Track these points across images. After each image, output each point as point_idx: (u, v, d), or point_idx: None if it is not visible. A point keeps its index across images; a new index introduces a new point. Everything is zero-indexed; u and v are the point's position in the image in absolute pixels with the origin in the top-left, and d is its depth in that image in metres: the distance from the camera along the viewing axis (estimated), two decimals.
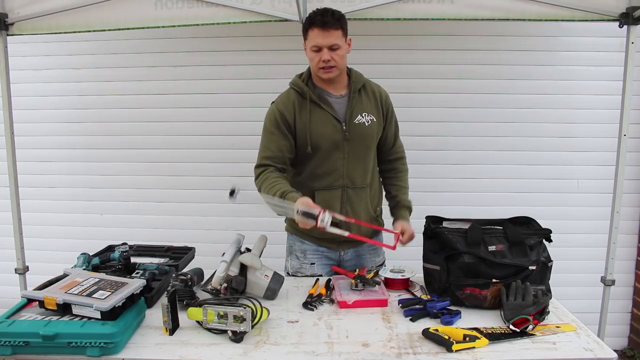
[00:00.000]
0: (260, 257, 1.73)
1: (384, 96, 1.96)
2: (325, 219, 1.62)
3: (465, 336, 1.38)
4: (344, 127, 1.87)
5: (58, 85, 3.18)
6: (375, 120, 1.91)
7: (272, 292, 1.70)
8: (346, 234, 1.71)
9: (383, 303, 1.66)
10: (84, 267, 1.77)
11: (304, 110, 1.87)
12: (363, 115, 1.89)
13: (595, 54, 2.99)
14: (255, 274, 1.69)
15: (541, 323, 1.48)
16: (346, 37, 1.82)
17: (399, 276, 1.82)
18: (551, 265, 1.68)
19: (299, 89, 1.89)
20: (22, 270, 2.59)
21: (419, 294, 1.77)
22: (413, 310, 1.58)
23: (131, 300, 1.45)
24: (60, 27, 2.41)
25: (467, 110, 3.07)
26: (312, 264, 2.02)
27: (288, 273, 2.06)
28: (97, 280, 1.51)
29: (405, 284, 1.83)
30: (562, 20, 2.38)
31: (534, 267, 1.61)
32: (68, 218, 3.28)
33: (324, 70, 1.81)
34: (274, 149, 1.87)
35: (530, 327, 1.43)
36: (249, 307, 1.40)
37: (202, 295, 1.64)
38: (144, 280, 1.55)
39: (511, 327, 1.43)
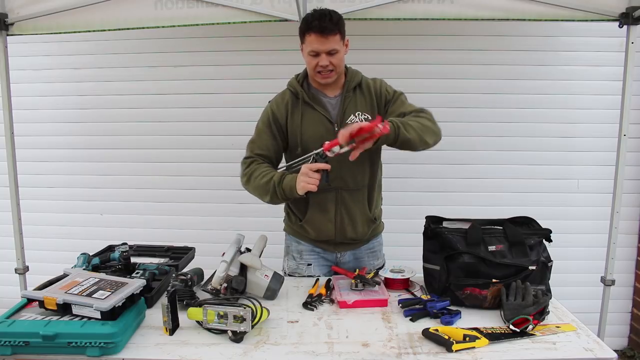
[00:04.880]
0: (260, 257, 1.73)
1: (378, 87, 1.90)
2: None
3: (465, 336, 1.38)
4: (336, 128, 1.85)
5: (58, 85, 3.18)
6: (370, 118, 1.87)
7: (272, 292, 1.70)
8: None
9: (383, 303, 1.66)
10: (84, 267, 1.77)
11: (296, 111, 1.87)
12: (357, 114, 1.87)
13: (595, 54, 2.99)
14: (255, 274, 1.69)
15: (541, 323, 1.49)
16: (344, 39, 1.79)
17: (399, 276, 1.82)
18: (551, 265, 1.68)
19: (294, 89, 1.89)
20: (22, 270, 2.59)
21: (419, 294, 1.76)
22: (413, 310, 1.58)
23: (131, 300, 1.45)
24: (60, 27, 2.41)
25: (467, 110, 3.07)
26: (308, 264, 2.01)
27: (285, 273, 2.06)
28: (97, 280, 1.51)
29: (405, 284, 1.83)
30: (562, 20, 2.38)
31: (534, 267, 1.61)
32: (68, 218, 3.29)
33: (321, 75, 1.80)
34: (262, 147, 1.88)
35: (530, 327, 1.43)
36: (249, 307, 1.40)
37: (202, 295, 1.64)
38: (144, 280, 1.55)
39: (511, 327, 1.43)
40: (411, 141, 1.66)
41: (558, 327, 1.49)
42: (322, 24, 1.70)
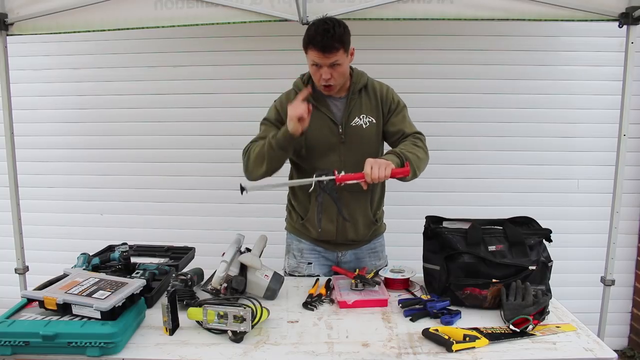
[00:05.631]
0: (260, 257, 1.73)
1: (384, 93, 1.90)
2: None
3: (465, 336, 1.38)
4: (340, 130, 1.85)
5: (57, 85, 3.18)
6: (374, 121, 1.87)
7: (272, 292, 1.70)
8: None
9: (383, 303, 1.66)
10: (84, 267, 1.77)
11: None
12: (361, 117, 1.86)
13: (595, 54, 2.99)
14: (255, 274, 1.69)
15: (541, 323, 1.49)
16: (349, 50, 1.76)
17: (399, 276, 1.82)
18: (551, 265, 1.68)
19: (299, 89, 1.88)
20: (22, 270, 2.59)
21: (419, 294, 1.77)
22: (413, 310, 1.58)
23: (131, 300, 1.45)
24: (60, 27, 2.41)
25: (467, 110, 3.07)
26: (309, 263, 2.01)
27: (285, 272, 2.06)
28: (97, 280, 1.51)
29: (405, 284, 1.83)
30: (562, 20, 2.38)
31: (534, 267, 1.61)
32: (68, 218, 3.29)
33: (324, 87, 1.80)
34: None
35: (530, 327, 1.43)
36: (249, 307, 1.40)
37: (202, 295, 1.64)
38: (144, 280, 1.55)
39: (511, 327, 1.43)
40: (406, 179, 1.71)
41: (558, 327, 1.49)
42: (324, 42, 1.67)
